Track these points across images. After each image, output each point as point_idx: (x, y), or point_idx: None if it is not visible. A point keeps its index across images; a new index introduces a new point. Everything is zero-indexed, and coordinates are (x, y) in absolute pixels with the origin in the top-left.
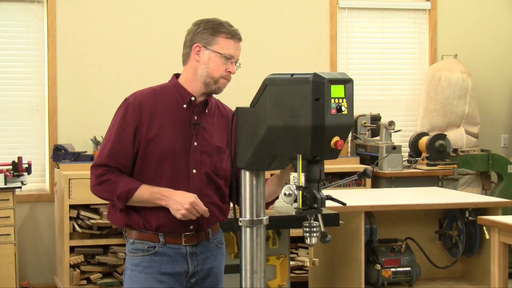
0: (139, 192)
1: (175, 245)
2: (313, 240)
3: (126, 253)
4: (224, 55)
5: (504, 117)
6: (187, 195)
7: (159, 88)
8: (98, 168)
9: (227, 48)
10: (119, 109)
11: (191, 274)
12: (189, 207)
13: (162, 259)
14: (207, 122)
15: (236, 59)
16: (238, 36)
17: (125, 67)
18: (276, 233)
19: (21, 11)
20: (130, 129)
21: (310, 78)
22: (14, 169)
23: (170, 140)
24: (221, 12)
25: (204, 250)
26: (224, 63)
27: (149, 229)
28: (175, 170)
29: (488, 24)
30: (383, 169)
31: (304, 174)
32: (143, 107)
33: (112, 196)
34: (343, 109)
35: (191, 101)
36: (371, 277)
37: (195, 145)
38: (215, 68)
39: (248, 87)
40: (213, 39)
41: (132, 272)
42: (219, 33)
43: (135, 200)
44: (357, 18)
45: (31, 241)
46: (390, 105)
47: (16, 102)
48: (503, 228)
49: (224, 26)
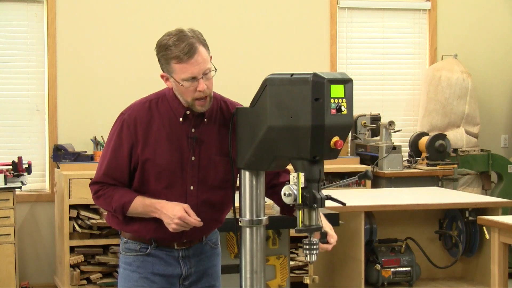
0: (133, 205)
1: (167, 248)
2: (313, 258)
3: (120, 251)
4: (185, 80)
5: (504, 117)
6: (177, 208)
7: (156, 99)
8: (95, 185)
9: (183, 73)
10: (115, 124)
11: (185, 276)
12: (178, 222)
13: (154, 260)
14: (206, 133)
15: (199, 76)
16: (190, 53)
17: (125, 67)
18: (276, 233)
19: (21, 11)
20: (126, 147)
21: (310, 78)
22: (14, 169)
23: (167, 158)
24: (221, 12)
25: (197, 253)
26: (189, 86)
27: (143, 237)
28: (172, 187)
29: (488, 24)
30: (383, 169)
31: (304, 174)
32: (138, 124)
33: (110, 209)
34: (343, 109)
35: (187, 115)
36: (371, 277)
37: (193, 159)
38: (184, 93)
39: (248, 87)
40: (169, 67)
41: (125, 271)
42: (169, 60)
43: (131, 212)
44: (357, 18)
45: (31, 241)
46: (390, 105)
47: (16, 102)
48: (503, 228)
49: (171, 50)
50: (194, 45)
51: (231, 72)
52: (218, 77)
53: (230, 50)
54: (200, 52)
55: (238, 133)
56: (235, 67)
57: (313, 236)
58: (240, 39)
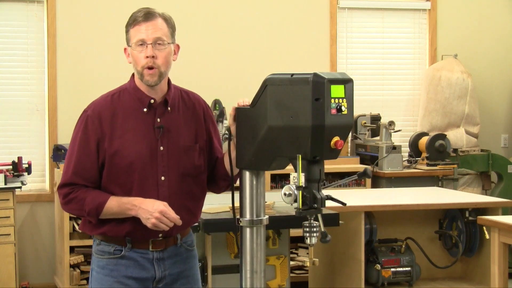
0: (108, 205)
1: (142, 250)
2: (313, 240)
3: (93, 253)
4: (136, 45)
5: (504, 117)
6: (157, 203)
7: (118, 92)
8: (64, 187)
9: (135, 37)
10: (78, 122)
11: (158, 279)
12: (159, 216)
13: (128, 263)
14: (171, 121)
15: (149, 41)
16: (145, 17)
17: (125, 67)
18: (276, 233)
19: (21, 11)
20: (92, 143)
21: (310, 78)
22: (14, 169)
23: (135, 150)
24: (221, 13)
25: (171, 255)
26: (141, 51)
27: (118, 235)
28: (143, 180)
29: (488, 24)
30: (383, 169)
31: (304, 174)
32: (103, 118)
33: (83, 213)
34: (343, 109)
35: (151, 104)
36: (371, 277)
37: (162, 149)
38: (135, 62)
39: (248, 87)
40: (128, 36)
41: (98, 274)
42: (128, 26)
43: (106, 213)
44: (357, 18)
45: (31, 241)
46: (390, 105)
47: (16, 102)
48: (503, 228)
49: (131, 18)
50: (152, 13)
51: (231, 72)
52: (219, 77)
53: (230, 50)
54: (156, 21)
55: (238, 133)
56: (236, 67)
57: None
58: (240, 39)
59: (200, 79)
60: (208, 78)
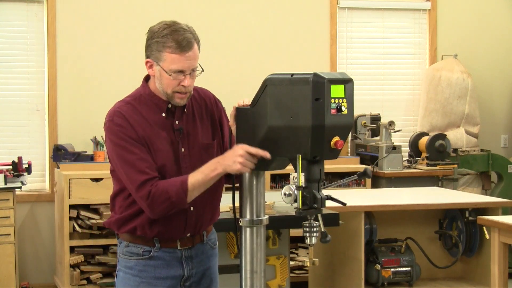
0: (191, 180)
1: (170, 249)
2: (313, 240)
3: (119, 255)
4: (172, 71)
5: (504, 117)
6: (235, 148)
7: (133, 100)
8: (143, 188)
9: (174, 64)
10: (109, 131)
11: (186, 277)
12: (243, 154)
13: (157, 263)
14: (188, 123)
15: (188, 71)
16: (186, 46)
17: (125, 67)
18: (276, 233)
19: (21, 11)
20: (137, 141)
21: (310, 78)
22: (14, 169)
23: (164, 153)
24: (221, 12)
25: (199, 253)
26: (175, 78)
27: (147, 236)
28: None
29: (488, 24)
30: (383, 169)
31: (304, 174)
32: (132, 122)
33: (171, 201)
34: (343, 109)
35: (169, 108)
36: (371, 277)
37: (183, 151)
38: (167, 84)
39: (248, 87)
40: (160, 55)
41: (125, 275)
42: (164, 48)
43: (193, 188)
44: (357, 18)
45: (31, 241)
46: (390, 105)
47: (16, 102)
48: (503, 228)
49: (167, 39)
50: (191, 41)
51: (231, 72)
52: (219, 77)
53: (231, 50)
54: (194, 49)
55: (238, 133)
56: (236, 67)
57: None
58: (240, 39)
59: (200, 79)
60: (208, 78)
